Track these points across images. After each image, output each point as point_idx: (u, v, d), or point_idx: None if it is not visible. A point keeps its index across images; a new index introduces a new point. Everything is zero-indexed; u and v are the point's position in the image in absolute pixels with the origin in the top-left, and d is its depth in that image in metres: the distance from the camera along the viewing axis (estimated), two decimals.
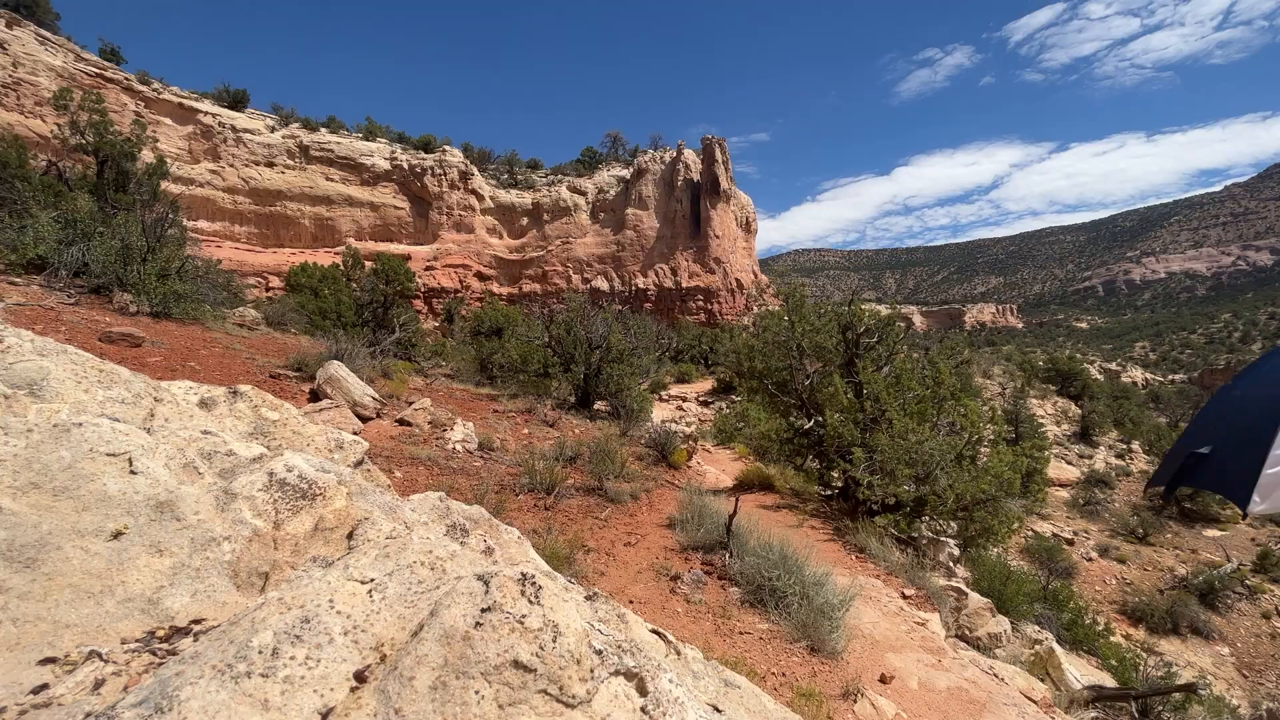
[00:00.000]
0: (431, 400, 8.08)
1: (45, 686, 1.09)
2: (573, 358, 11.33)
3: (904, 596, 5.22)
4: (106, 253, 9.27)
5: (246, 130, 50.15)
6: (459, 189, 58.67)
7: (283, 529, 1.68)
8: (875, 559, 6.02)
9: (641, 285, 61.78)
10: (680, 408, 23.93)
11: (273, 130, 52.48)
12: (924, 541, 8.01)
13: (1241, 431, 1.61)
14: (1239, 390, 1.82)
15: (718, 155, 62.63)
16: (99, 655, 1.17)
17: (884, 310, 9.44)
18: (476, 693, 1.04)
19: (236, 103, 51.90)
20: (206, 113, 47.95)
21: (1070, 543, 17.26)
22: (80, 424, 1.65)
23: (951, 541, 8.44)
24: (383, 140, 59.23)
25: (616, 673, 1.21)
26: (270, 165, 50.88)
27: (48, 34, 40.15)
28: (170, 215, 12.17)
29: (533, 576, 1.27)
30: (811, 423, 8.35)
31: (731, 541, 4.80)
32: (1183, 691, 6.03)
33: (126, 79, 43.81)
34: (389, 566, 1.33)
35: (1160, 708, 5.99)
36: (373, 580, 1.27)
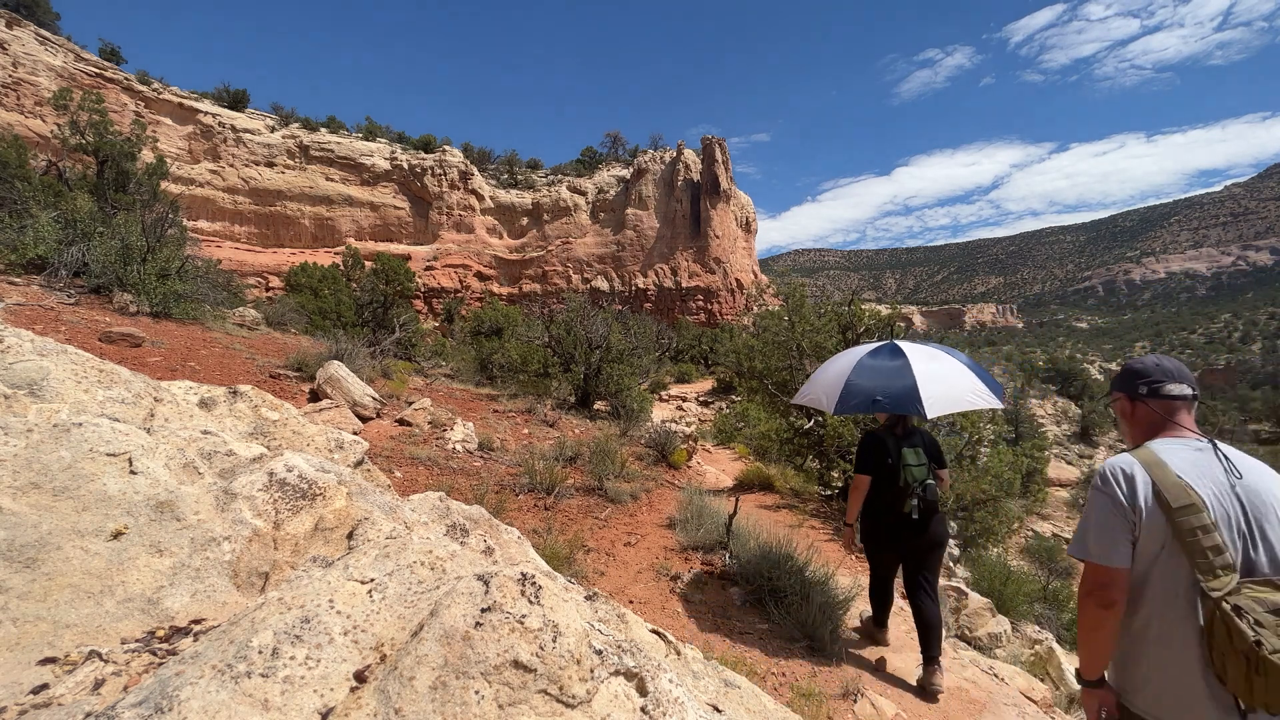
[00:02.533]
0: (431, 400, 8.08)
1: (45, 686, 1.09)
2: (573, 358, 11.33)
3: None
4: (106, 253, 9.28)
5: (246, 130, 50.18)
6: (459, 189, 58.70)
7: (283, 529, 1.68)
8: None
9: (641, 285, 61.80)
10: (680, 408, 23.94)
11: (273, 130, 52.51)
12: None
13: (893, 383, 3.09)
14: (864, 377, 3.26)
15: (718, 155, 62.65)
16: (99, 655, 1.17)
17: (884, 310, 9.44)
18: (476, 693, 1.04)
19: (236, 103, 51.94)
20: (206, 113, 47.97)
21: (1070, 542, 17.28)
22: (80, 424, 1.65)
23: (951, 541, 8.45)
24: (383, 140, 59.27)
25: (616, 673, 1.21)
26: (270, 165, 50.91)
27: (48, 34, 40.16)
28: (170, 215, 12.17)
29: (533, 576, 1.27)
30: (811, 423, 8.35)
31: (731, 541, 4.80)
32: None
33: (126, 79, 43.83)
34: (389, 566, 1.34)
35: None
36: (373, 580, 1.28)
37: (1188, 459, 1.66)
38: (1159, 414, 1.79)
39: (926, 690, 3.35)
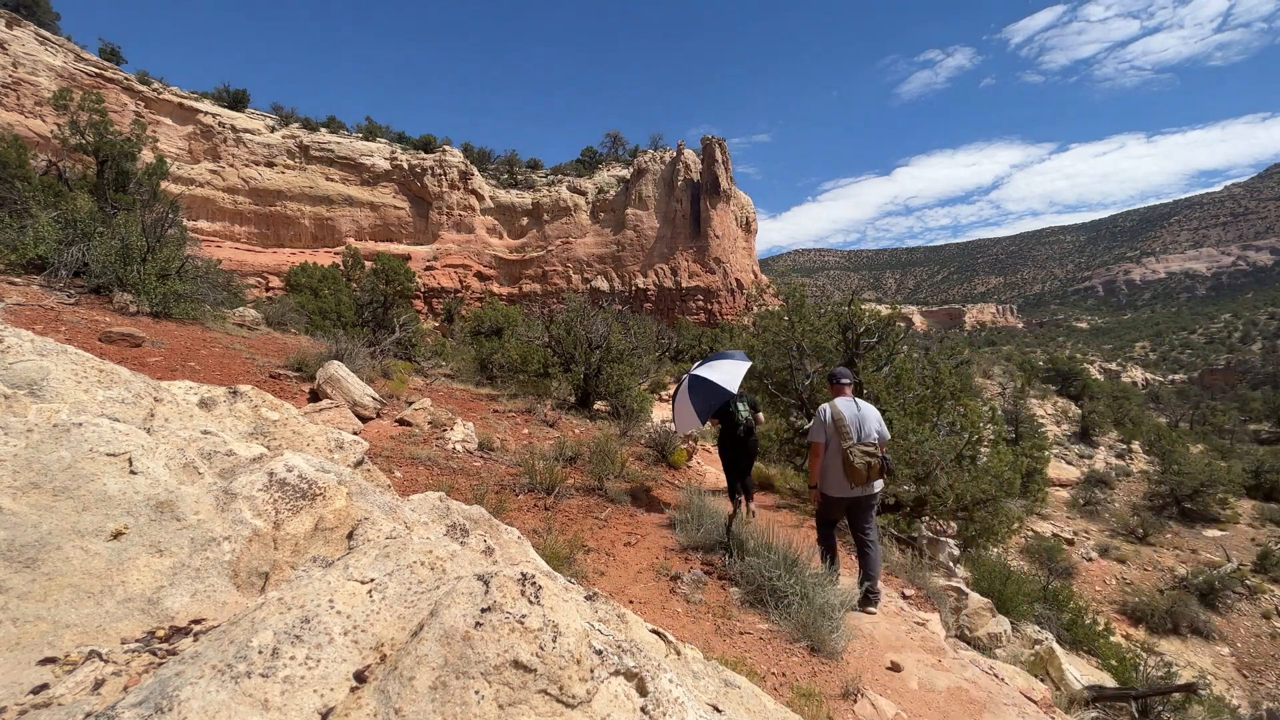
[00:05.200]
0: (431, 400, 8.08)
1: (45, 686, 1.09)
2: (573, 358, 11.33)
3: (904, 596, 5.23)
4: (106, 253, 9.27)
5: (246, 130, 50.19)
6: (459, 189, 58.71)
7: (283, 529, 1.68)
8: None
9: (641, 285, 61.80)
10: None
11: (273, 130, 52.52)
12: (924, 541, 8.01)
13: (710, 396, 5.55)
14: (696, 401, 5.61)
15: (718, 155, 62.65)
16: (99, 655, 1.17)
17: (884, 310, 9.43)
18: (476, 693, 1.04)
19: (236, 103, 51.96)
20: (206, 113, 47.99)
21: (1070, 543, 17.26)
22: (80, 424, 1.65)
23: (951, 541, 8.44)
24: (383, 140, 59.27)
25: (616, 673, 1.21)
26: (270, 165, 50.92)
27: (48, 34, 40.18)
28: (170, 215, 12.17)
29: (533, 576, 1.27)
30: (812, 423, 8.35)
31: (731, 541, 4.80)
32: (1183, 691, 6.04)
33: (126, 79, 43.85)
34: (389, 566, 1.34)
35: (1160, 708, 5.99)
36: (373, 580, 1.27)
37: (844, 404, 4.38)
38: (838, 388, 4.56)
39: (752, 512, 6.00)
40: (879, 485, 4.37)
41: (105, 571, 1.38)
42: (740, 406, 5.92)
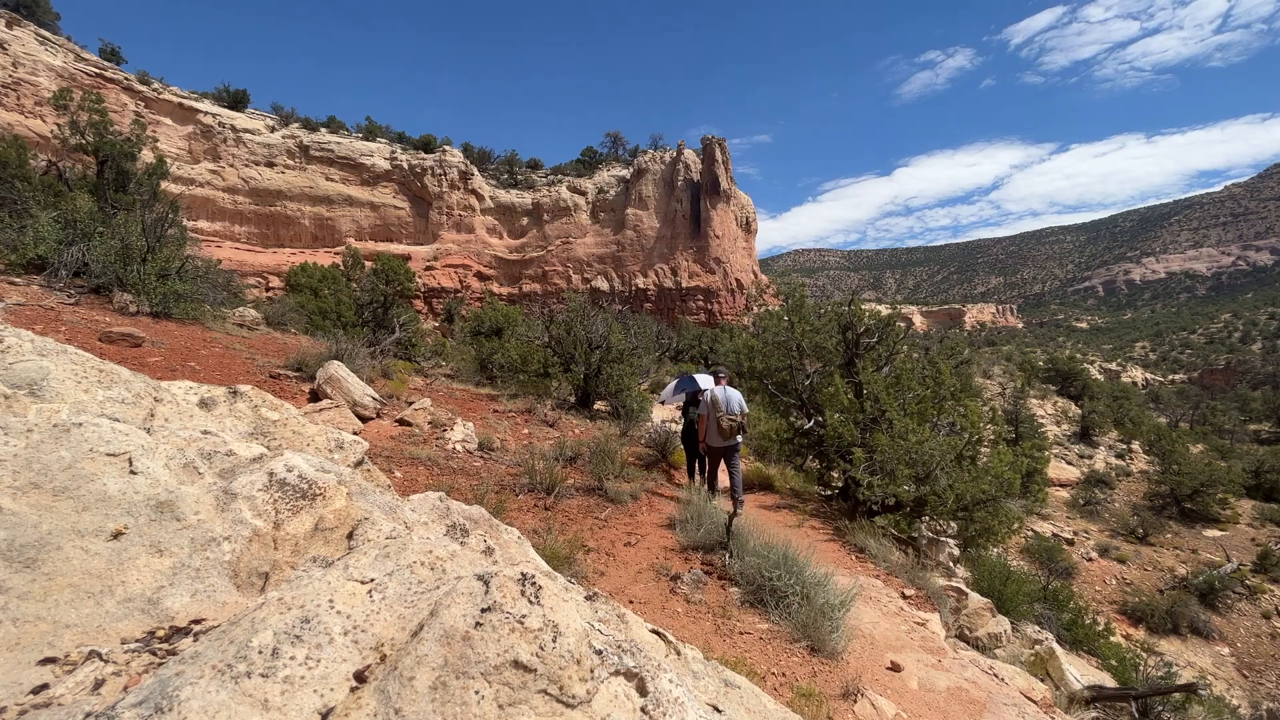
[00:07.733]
0: (431, 400, 8.08)
1: (45, 686, 1.09)
2: (573, 358, 11.33)
3: (904, 597, 5.22)
4: (106, 253, 9.27)
5: (246, 130, 50.20)
6: (459, 189, 58.72)
7: (283, 529, 1.68)
8: (875, 559, 6.02)
9: (641, 285, 61.81)
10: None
11: (273, 130, 52.53)
12: (924, 541, 8.01)
13: (687, 388, 8.31)
14: (683, 389, 8.60)
15: (718, 155, 62.66)
16: (99, 655, 1.17)
17: (884, 310, 9.42)
18: (476, 693, 1.04)
19: (236, 103, 51.98)
20: (206, 113, 48.00)
21: (1070, 543, 17.26)
22: (80, 424, 1.65)
23: (951, 541, 8.44)
24: (383, 140, 59.27)
25: (616, 673, 1.21)
26: (270, 165, 50.93)
27: (48, 34, 40.19)
28: (170, 215, 12.17)
29: (533, 576, 1.27)
30: (811, 423, 8.34)
31: (731, 541, 4.80)
32: (1183, 691, 6.03)
33: (126, 79, 43.87)
34: (389, 566, 1.34)
35: (1160, 708, 5.99)
36: (373, 580, 1.28)
37: (719, 390, 6.83)
38: (717, 380, 7.12)
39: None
40: (739, 439, 6.78)
41: (105, 571, 1.38)
42: (691, 409, 7.89)
